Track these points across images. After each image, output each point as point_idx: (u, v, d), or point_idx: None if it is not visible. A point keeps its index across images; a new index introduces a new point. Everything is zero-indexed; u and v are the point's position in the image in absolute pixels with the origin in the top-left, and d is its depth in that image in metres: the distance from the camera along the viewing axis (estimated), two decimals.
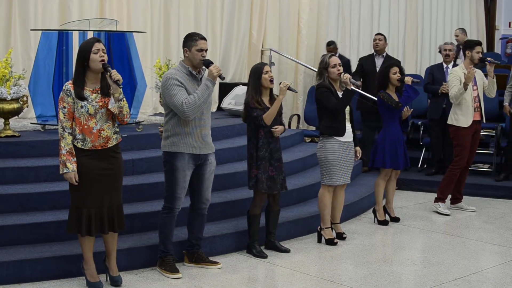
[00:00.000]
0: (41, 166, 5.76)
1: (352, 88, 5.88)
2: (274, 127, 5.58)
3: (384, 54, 9.04)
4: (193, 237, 5.33)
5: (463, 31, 10.90)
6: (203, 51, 5.01)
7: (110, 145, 4.69)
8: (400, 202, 7.82)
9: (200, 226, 5.32)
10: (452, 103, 7.10)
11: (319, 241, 6.14)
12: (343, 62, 7.15)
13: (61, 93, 4.61)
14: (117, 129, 4.77)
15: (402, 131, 6.75)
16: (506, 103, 8.41)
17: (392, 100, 6.50)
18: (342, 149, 5.94)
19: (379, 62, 8.90)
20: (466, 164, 7.26)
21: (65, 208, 4.99)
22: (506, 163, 8.65)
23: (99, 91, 4.63)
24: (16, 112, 6.32)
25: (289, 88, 5.61)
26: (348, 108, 6.01)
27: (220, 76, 4.97)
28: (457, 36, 10.77)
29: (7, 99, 6.14)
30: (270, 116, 5.53)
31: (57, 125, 4.69)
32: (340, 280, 5.21)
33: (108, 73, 4.56)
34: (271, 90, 5.73)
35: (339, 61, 5.96)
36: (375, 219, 6.91)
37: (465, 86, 6.85)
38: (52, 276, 4.90)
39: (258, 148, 5.57)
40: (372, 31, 11.53)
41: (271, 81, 5.62)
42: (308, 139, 9.35)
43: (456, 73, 7.08)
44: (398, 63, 7.20)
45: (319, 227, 6.15)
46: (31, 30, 7.50)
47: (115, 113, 4.64)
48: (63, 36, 6.65)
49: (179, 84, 4.94)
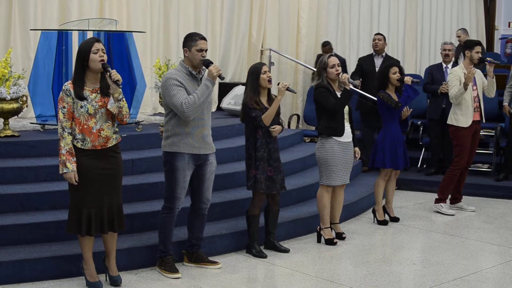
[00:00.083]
0: (41, 166, 5.76)
1: (350, 88, 5.88)
2: (272, 127, 5.58)
3: (384, 54, 9.03)
4: (193, 237, 5.33)
5: (465, 31, 10.89)
6: (203, 51, 5.00)
7: (110, 145, 4.69)
8: (400, 202, 7.82)
9: (200, 226, 5.32)
10: (452, 103, 7.10)
11: (318, 241, 6.14)
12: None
13: (61, 93, 4.60)
14: (117, 129, 4.77)
15: (401, 131, 6.75)
16: (505, 103, 8.41)
17: (392, 100, 6.50)
18: (341, 149, 5.94)
19: (378, 62, 8.90)
20: (466, 164, 7.26)
21: (65, 208, 4.99)
22: (506, 163, 8.65)
23: (98, 91, 4.63)
24: (16, 112, 6.32)
25: (288, 89, 5.59)
26: (347, 108, 6.01)
27: (219, 76, 4.97)
28: (459, 36, 10.75)
29: (7, 99, 6.14)
30: (269, 116, 5.52)
31: (57, 125, 4.69)
32: (339, 280, 5.21)
33: (108, 73, 4.56)
34: (269, 90, 5.72)
35: (338, 61, 5.96)
36: (375, 219, 6.91)
37: (465, 86, 6.84)
38: (52, 276, 4.90)
39: (256, 148, 5.57)
40: (371, 31, 11.53)
41: (269, 81, 5.61)
42: (307, 139, 9.35)
43: (456, 73, 7.07)
44: (398, 63, 7.20)
45: (318, 227, 6.15)
46: (31, 30, 7.50)
47: (114, 113, 4.64)
48: (62, 36, 6.65)
49: (179, 84, 4.93)
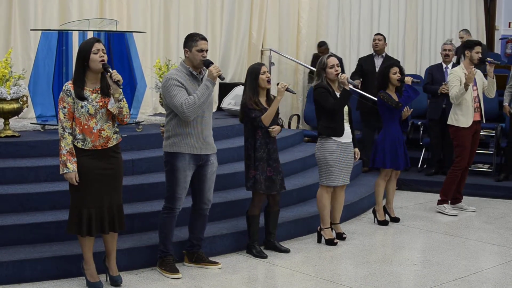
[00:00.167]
0: (41, 166, 5.76)
1: (350, 88, 5.88)
2: (271, 127, 5.58)
3: (384, 54, 9.03)
4: (194, 237, 5.33)
5: (467, 32, 10.87)
6: (203, 52, 5.00)
7: (111, 145, 4.68)
8: (400, 202, 7.82)
9: (201, 226, 5.32)
10: (452, 103, 7.10)
11: (319, 241, 6.14)
12: None
13: (61, 93, 4.60)
14: (117, 129, 4.77)
15: (402, 131, 6.75)
16: (506, 103, 8.40)
17: (392, 100, 6.50)
18: (340, 149, 5.94)
19: (378, 62, 8.90)
20: (466, 165, 7.26)
21: (65, 208, 4.99)
22: (506, 163, 8.65)
23: (99, 91, 4.63)
24: (16, 112, 6.32)
25: (288, 89, 5.58)
26: (347, 109, 6.00)
27: (220, 77, 4.96)
28: (461, 38, 10.71)
29: (7, 99, 6.14)
30: (269, 117, 5.52)
31: (57, 125, 4.69)
32: (340, 280, 5.20)
33: (109, 73, 4.56)
34: (268, 90, 5.71)
35: (337, 62, 5.95)
36: (375, 219, 6.91)
37: (466, 86, 6.84)
38: (52, 276, 4.90)
39: (256, 149, 5.56)
40: (372, 31, 11.52)
41: (269, 81, 5.60)
42: (308, 139, 9.35)
43: (456, 73, 7.07)
44: (398, 63, 7.20)
45: (319, 227, 6.15)
46: (31, 30, 7.50)
47: (114, 113, 4.64)
48: (63, 36, 6.65)
49: (179, 85, 4.93)
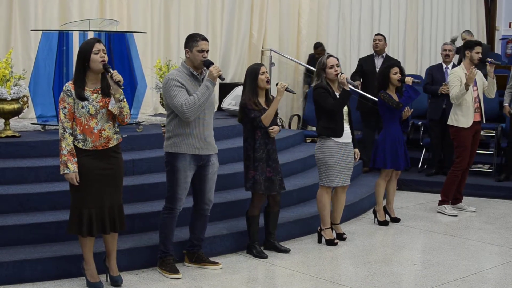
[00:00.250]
0: (41, 166, 5.76)
1: (350, 88, 5.87)
2: (271, 128, 5.57)
3: (384, 55, 9.03)
4: (195, 237, 5.33)
5: (470, 33, 10.86)
6: (204, 52, 4.99)
7: (111, 145, 4.68)
8: (401, 202, 7.81)
9: (202, 226, 5.32)
10: (453, 103, 7.10)
11: (319, 241, 6.14)
12: None
13: (62, 93, 4.60)
14: (118, 129, 4.77)
15: (402, 132, 6.75)
16: (506, 104, 8.40)
17: (392, 100, 6.50)
18: (340, 150, 5.93)
19: (378, 62, 8.90)
20: (466, 165, 7.26)
21: (65, 209, 4.99)
22: (507, 164, 8.64)
23: (99, 91, 4.62)
24: (17, 113, 6.32)
25: (287, 89, 5.58)
26: (346, 109, 5.99)
27: (220, 77, 4.96)
28: (464, 39, 10.69)
29: (8, 99, 6.14)
30: (269, 117, 5.52)
31: (58, 125, 4.68)
32: (340, 281, 5.20)
33: (109, 73, 4.56)
34: (267, 91, 5.71)
35: (337, 62, 5.95)
36: (376, 219, 6.91)
37: (466, 86, 6.83)
38: (52, 276, 4.90)
39: (255, 149, 5.56)
40: (372, 32, 11.53)
41: (268, 82, 5.61)
42: (308, 140, 9.35)
43: (456, 74, 7.06)
44: (398, 64, 7.20)
45: (319, 227, 6.15)
46: (32, 30, 7.50)
47: (115, 113, 4.64)
48: (63, 36, 6.65)
49: (180, 85, 4.93)
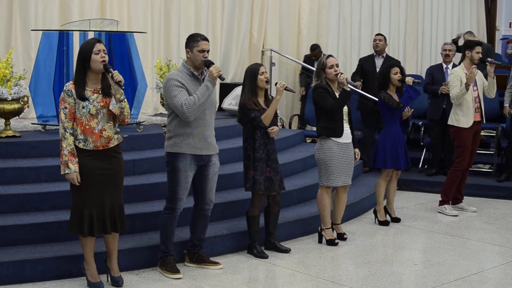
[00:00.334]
0: (42, 166, 5.76)
1: (350, 88, 5.87)
2: (270, 128, 5.57)
3: (384, 55, 9.03)
4: (195, 237, 5.33)
5: (472, 34, 10.86)
6: (204, 52, 4.99)
7: (112, 145, 4.68)
8: (401, 202, 7.81)
9: (203, 226, 5.32)
10: (453, 103, 7.10)
11: (319, 241, 6.13)
12: None
13: (62, 93, 4.59)
14: (118, 129, 4.77)
15: (402, 132, 6.75)
16: (506, 104, 8.39)
17: (393, 100, 6.49)
18: (340, 150, 5.92)
19: (379, 62, 8.89)
20: (466, 165, 7.25)
21: (66, 209, 4.99)
22: (507, 164, 8.64)
23: (100, 91, 4.62)
24: (17, 113, 6.32)
25: (286, 88, 5.59)
26: (346, 109, 5.98)
27: (220, 77, 4.96)
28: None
29: (8, 99, 6.14)
30: (269, 117, 5.52)
31: (58, 125, 4.68)
32: (340, 281, 5.20)
33: (110, 74, 4.56)
34: (266, 90, 5.71)
35: (337, 62, 5.95)
36: (376, 219, 6.91)
37: (466, 86, 6.83)
38: (53, 276, 4.90)
39: (255, 149, 5.56)
40: (372, 32, 11.52)
41: (267, 82, 5.61)
42: (309, 140, 9.35)
43: (456, 74, 7.06)
44: (399, 64, 7.20)
45: (319, 227, 6.14)
46: (32, 30, 7.50)
47: (116, 114, 4.64)
48: (63, 36, 6.65)
49: (180, 85, 4.93)
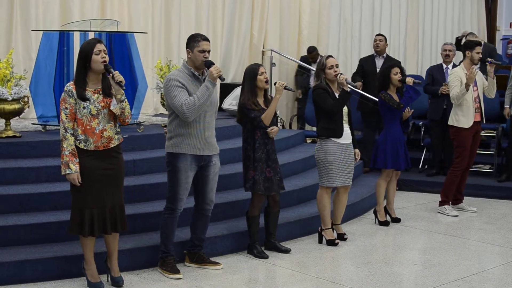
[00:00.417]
0: (42, 166, 5.76)
1: (350, 89, 5.87)
2: (270, 128, 5.57)
3: (385, 55, 9.03)
4: (196, 237, 5.33)
5: (474, 35, 10.85)
6: (205, 52, 4.99)
7: (112, 146, 4.69)
8: (401, 202, 7.82)
9: (203, 227, 5.32)
10: (453, 104, 7.10)
11: (320, 241, 6.14)
12: None
13: (63, 94, 4.60)
14: (119, 130, 4.77)
15: (403, 132, 6.75)
16: (507, 106, 8.37)
17: (393, 101, 6.50)
18: (340, 150, 5.92)
19: (379, 62, 8.90)
20: (466, 165, 7.25)
21: (66, 209, 4.99)
22: (507, 164, 8.64)
23: (100, 92, 4.62)
24: (17, 113, 6.32)
25: (286, 88, 5.60)
26: (346, 110, 5.98)
27: (220, 77, 4.96)
28: None
29: (8, 99, 6.14)
30: (269, 116, 5.52)
31: (58, 125, 4.69)
32: (341, 281, 5.20)
33: (111, 74, 4.56)
34: (266, 91, 5.72)
35: (337, 63, 5.95)
36: (376, 219, 6.91)
37: (466, 86, 6.83)
38: (53, 276, 4.90)
39: (255, 149, 5.56)
40: (373, 32, 11.52)
41: (266, 82, 5.61)
42: (309, 140, 9.35)
43: (456, 74, 7.06)
44: (399, 64, 7.19)
45: (320, 227, 6.15)
46: (32, 30, 7.50)
47: (117, 114, 4.64)
48: (64, 36, 6.65)
49: (180, 86, 4.93)
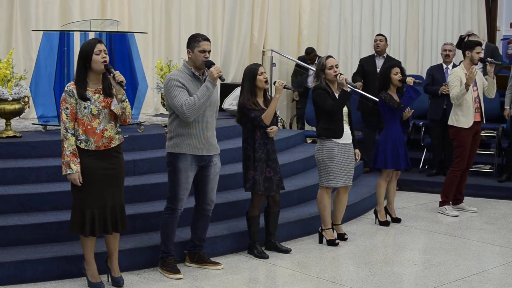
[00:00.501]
0: (42, 166, 5.76)
1: (349, 89, 5.87)
2: (270, 128, 5.57)
3: (385, 55, 9.03)
4: (196, 237, 5.33)
5: (475, 36, 10.84)
6: (205, 52, 4.99)
7: (113, 145, 4.69)
8: (402, 203, 7.82)
9: (203, 227, 5.32)
10: (453, 104, 7.09)
11: (320, 242, 6.14)
12: None
13: (63, 94, 4.60)
14: (119, 129, 4.78)
15: (403, 132, 6.75)
16: (507, 106, 8.37)
17: (393, 101, 6.50)
18: (340, 151, 5.92)
19: (379, 62, 8.90)
20: (466, 165, 7.25)
21: (66, 209, 4.99)
22: (508, 164, 8.64)
23: (101, 92, 4.62)
24: (18, 113, 6.32)
25: (285, 87, 5.60)
26: (346, 110, 5.98)
27: (220, 78, 4.96)
28: None
29: (9, 99, 6.14)
30: (269, 116, 5.52)
31: (59, 125, 4.69)
32: (341, 281, 5.20)
33: (112, 74, 4.56)
34: (265, 90, 5.72)
35: (336, 63, 5.95)
36: (376, 219, 6.91)
37: (466, 86, 6.83)
38: (53, 276, 4.90)
39: (255, 149, 5.56)
40: (373, 32, 11.52)
41: (266, 82, 5.61)
42: (309, 140, 9.35)
43: (456, 74, 7.06)
44: (399, 64, 7.19)
45: (320, 228, 6.15)
46: (33, 30, 7.50)
47: (118, 114, 4.64)
48: (64, 36, 6.65)
49: (180, 86, 4.93)
